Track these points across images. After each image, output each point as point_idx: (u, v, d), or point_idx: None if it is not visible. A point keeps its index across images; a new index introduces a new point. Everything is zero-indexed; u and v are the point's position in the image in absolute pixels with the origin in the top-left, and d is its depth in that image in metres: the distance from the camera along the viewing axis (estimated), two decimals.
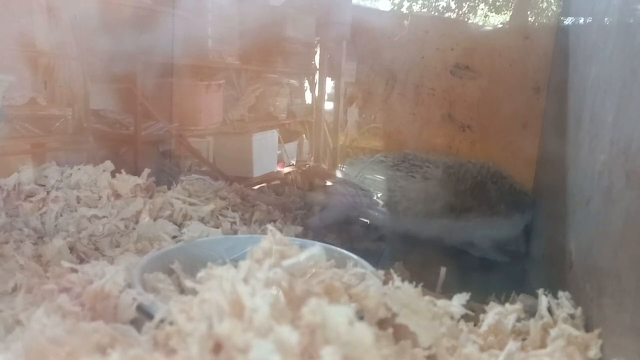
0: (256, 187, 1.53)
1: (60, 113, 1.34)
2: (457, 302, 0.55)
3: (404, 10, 3.87)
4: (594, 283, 0.60)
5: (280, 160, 2.21)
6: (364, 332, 0.39)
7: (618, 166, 0.57)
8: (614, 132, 0.61)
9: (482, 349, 0.53)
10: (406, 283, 0.51)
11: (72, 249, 0.86)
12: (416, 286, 0.52)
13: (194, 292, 0.45)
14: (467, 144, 1.48)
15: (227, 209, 1.12)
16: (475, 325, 0.57)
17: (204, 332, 0.40)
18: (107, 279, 0.58)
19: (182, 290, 0.66)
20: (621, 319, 0.50)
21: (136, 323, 0.53)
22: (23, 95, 1.27)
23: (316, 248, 0.50)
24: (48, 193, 1.02)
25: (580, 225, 0.73)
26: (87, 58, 1.39)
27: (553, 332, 0.54)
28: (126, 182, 1.09)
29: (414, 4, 4.13)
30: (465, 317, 0.56)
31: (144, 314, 0.55)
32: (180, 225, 0.98)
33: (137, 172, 1.15)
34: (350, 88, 1.96)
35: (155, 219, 0.98)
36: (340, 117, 2.13)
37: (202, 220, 1.02)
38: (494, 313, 0.58)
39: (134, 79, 1.52)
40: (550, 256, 0.93)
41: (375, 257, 0.83)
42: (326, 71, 2.28)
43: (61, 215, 0.98)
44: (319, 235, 1.05)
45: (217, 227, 0.96)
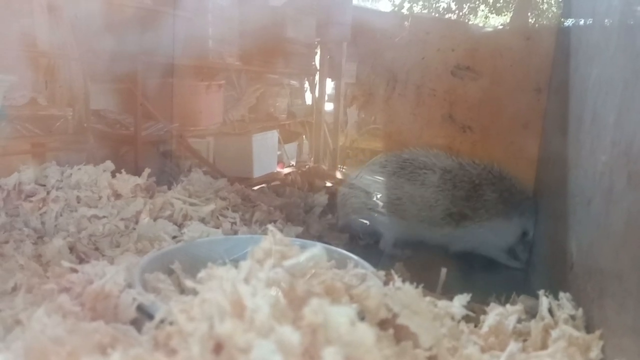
0: (256, 187, 1.53)
1: (61, 113, 1.34)
2: (458, 303, 0.55)
3: (405, 11, 3.88)
4: (595, 284, 0.60)
5: (280, 161, 2.20)
6: (365, 333, 0.39)
7: (619, 167, 0.57)
8: (615, 133, 0.61)
9: (483, 350, 0.53)
10: (407, 284, 0.51)
11: (72, 248, 0.86)
12: (417, 287, 0.52)
13: (195, 292, 0.45)
14: (467, 145, 1.48)
15: (228, 209, 1.11)
16: (476, 326, 0.57)
17: (204, 332, 0.40)
18: (107, 279, 0.58)
19: (183, 290, 0.66)
20: (622, 319, 0.50)
21: (136, 323, 0.53)
22: (24, 95, 1.27)
23: (317, 248, 0.51)
24: (48, 193, 1.02)
25: (581, 225, 0.73)
26: (87, 58, 1.39)
27: (554, 333, 0.54)
28: (126, 182, 1.09)
29: (415, 5, 4.13)
30: (466, 318, 0.56)
31: (145, 314, 0.55)
32: (180, 226, 0.98)
33: (137, 172, 1.15)
34: (351, 89, 1.96)
35: (155, 219, 0.98)
36: (341, 117, 2.13)
37: (202, 220, 1.02)
38: (495, 314, 0.58)
39: (135, 79, 1.52)
40: (551, 257, 0.93)
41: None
42: (326, 72, 2.28)
43: (61, 215, 0.98)
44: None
45: (218, 228, 0.96)
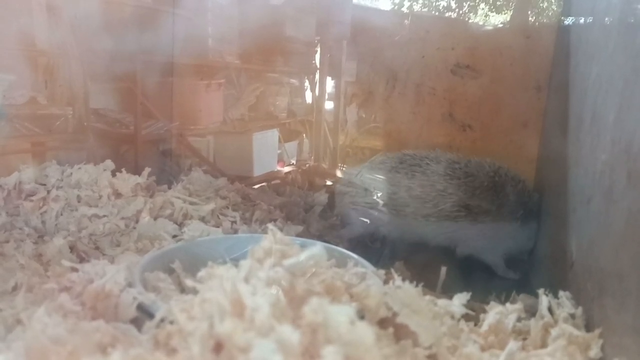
0: (256, 186, 1.52)
1: (61, 112, 1.34)
2: (458, 302, 0.55)
3: (405, 9, 3.87)
4: (594, 282, 0.60)
5: (281, 160, 2.20)
6: (365, 332, 0.39)
7: (619, 165, 0.57)
8: (615, 132, 0.61)
9: (483, 349, 0.53)
10: (407, 283, 0.51)
11: (72, 248, 0.86)
12: (417, 286, 0.52)
13: (195, 292, 0.45)
14: (467, 143, 1.48)
15: (228, 208, 1.11)
16: (475, 324, 0.58)
17: (205, 332, 0.40)
18: (107, 278, 0.58)
19: (183, 289, 0.66)
20: (622, 318, 0.50)
21: (137, 322, 0.53)
22: (23, 94, 1.27)
23: (317, 247, 0.50)
24: (48, 192, 1.02)
25: (581, 224, 0.73)
26: (87, 57, 1.39)
27: (554, 331, 0.54)
28: (127, 181, 1.09)
29: (415, 3, 4.12)
30: (466, 317, 0.56)
31: (145, 313, 0.55)
32: (180, 225, 0.98)
33: (137, 171, 1.15)
34: (351, 87, 1.96)
35: (155, 218, 0.98)
36: (341, 116, 2.13)
37: (202, 219, 1.02)
38: (495, 313, 0.58)
39: (134, 78, 1.52)
40: (551, 255, 0.93)
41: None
42: (326, 70, 2.27)
43: (62, 215, 0.98)
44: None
45: (218, 227, 0.97)
